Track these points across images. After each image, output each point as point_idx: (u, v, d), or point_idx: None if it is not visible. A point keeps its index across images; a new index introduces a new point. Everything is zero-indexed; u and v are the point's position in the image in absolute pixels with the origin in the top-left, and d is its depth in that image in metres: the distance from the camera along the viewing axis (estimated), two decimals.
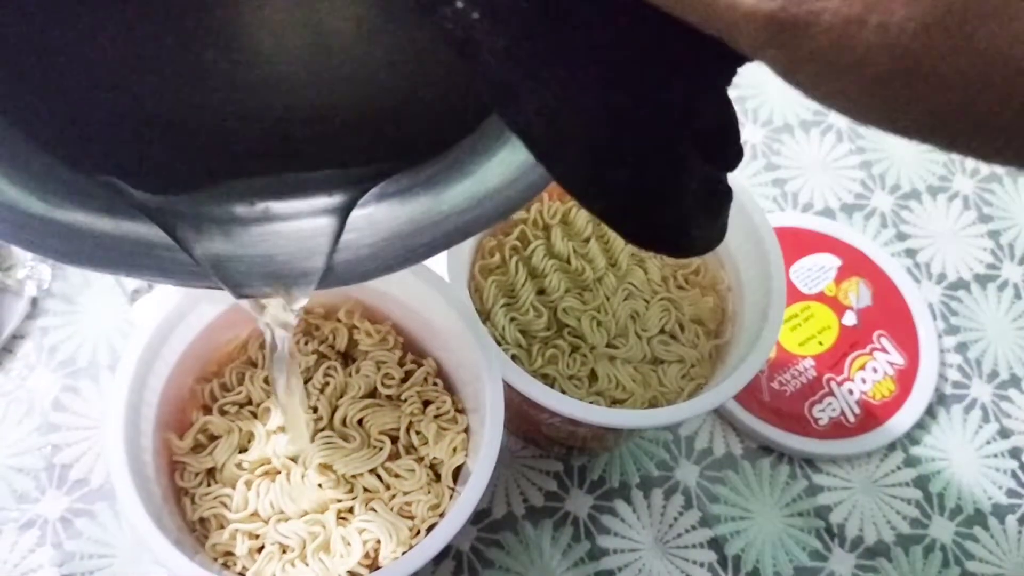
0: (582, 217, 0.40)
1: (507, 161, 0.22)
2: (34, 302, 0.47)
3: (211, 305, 0.36)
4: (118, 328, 0.47)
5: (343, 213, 0.23)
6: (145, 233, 0.23)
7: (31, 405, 0.45)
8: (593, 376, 0.38)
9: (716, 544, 0.45)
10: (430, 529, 0.33)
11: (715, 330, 0.40)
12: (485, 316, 0.38)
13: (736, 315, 0.39)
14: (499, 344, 0.36)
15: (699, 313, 0.39)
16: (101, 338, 0.47)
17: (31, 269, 0.47)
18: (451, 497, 0.36)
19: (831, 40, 0.14)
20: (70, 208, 0.22)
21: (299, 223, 0.23)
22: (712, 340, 0.39)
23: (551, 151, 0.17)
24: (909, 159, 0.59)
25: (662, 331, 0.39)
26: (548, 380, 0.37)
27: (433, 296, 0.36)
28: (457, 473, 0.37)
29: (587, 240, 0.40)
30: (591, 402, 0.37)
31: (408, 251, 0.24)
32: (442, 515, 0.35)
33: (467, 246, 0.38)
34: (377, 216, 0.24)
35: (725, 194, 0.19)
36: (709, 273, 0.41)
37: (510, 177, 0.22)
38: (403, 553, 0.33)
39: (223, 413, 0.37)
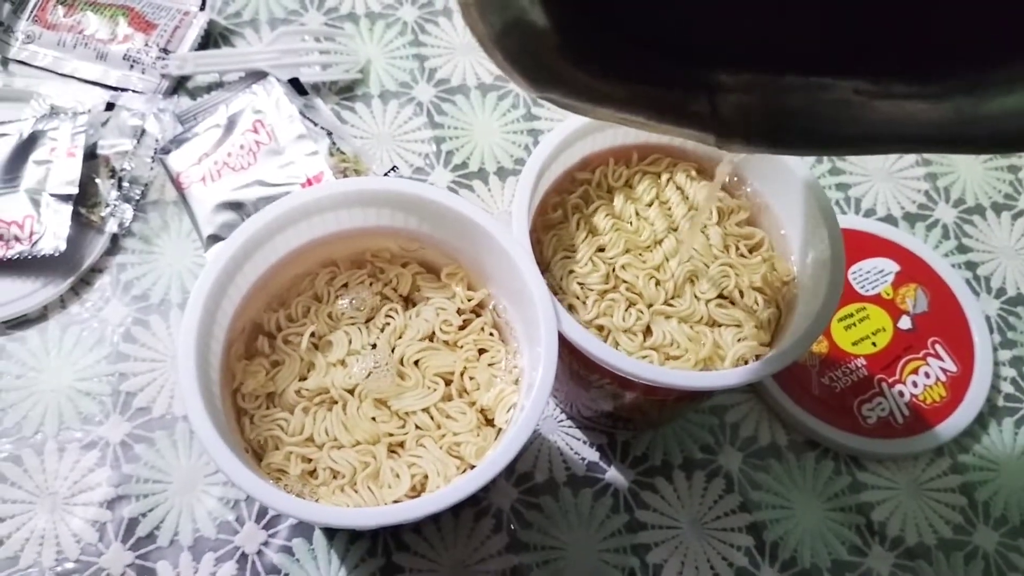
0: (644, 183, 0.41)
1: None
2: (114, 239, 0.49)
3: (284, 241, 0.38)
4: (191, 271, 0.49)
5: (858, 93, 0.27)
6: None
7: (103, 335, 0.47)
8: (648, 332, 0.38)
9: (755, 530, 0.45)
10: None
11: (775, 299, 0.40)
12: (544, 267, 0.39)
13: (794, 287, 0.40)
14: (556, 294, 0.37)
15: (760, 281, 0.39)
16: (174, 278, 0.49)
17: (114, 208, 0.49)
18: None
19: None
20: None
21: (821, 94, 0.27)
22: (771, 308, 0.39)
23: None
24: (976, 175, 0.59)
25: (721, 295, 0.39)
26: (602, 333, 0.38)
27: (497, 246, 0.37)
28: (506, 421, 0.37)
29: (649, 204, 0.41)
30: (644, 356, 0.37)
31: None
32: None
33: (531, 201, 0.39)
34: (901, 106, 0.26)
35: None
36: (770, 245, 0.41)
37: None
38: None
39: (287, 342, 0.38)
